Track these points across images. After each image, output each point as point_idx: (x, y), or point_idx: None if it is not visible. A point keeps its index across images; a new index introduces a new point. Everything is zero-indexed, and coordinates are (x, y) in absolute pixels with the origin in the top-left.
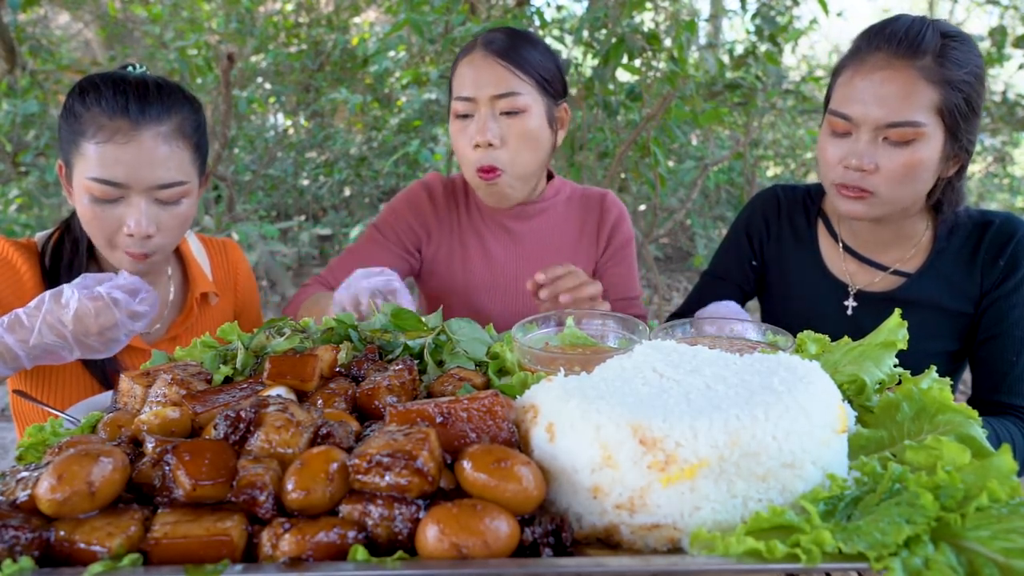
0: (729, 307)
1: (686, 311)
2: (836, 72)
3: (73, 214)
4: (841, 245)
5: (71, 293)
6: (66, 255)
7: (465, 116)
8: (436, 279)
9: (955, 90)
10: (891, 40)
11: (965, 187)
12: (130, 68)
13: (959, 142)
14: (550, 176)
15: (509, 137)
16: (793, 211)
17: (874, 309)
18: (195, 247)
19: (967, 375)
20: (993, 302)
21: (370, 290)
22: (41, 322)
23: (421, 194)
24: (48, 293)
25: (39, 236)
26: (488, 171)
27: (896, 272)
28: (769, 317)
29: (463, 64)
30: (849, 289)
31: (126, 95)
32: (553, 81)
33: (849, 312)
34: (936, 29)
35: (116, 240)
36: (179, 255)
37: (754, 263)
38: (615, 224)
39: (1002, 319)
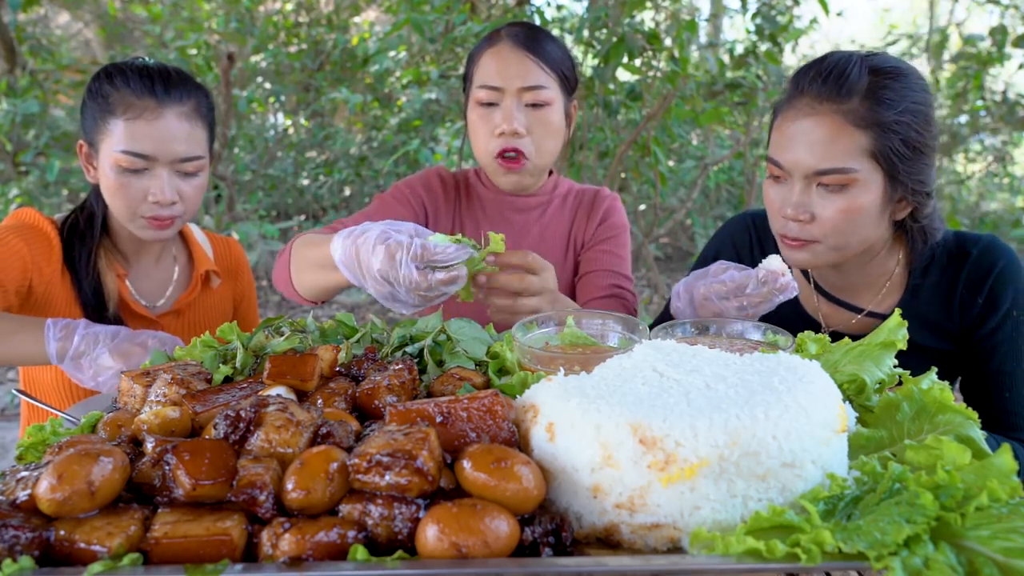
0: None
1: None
2: (773, 115)
3: (89, 195)
4: (812, 284)
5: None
6: (80, 228)
7: (489, 104)
8: None
9: (888, 132)
10: (815, 82)
11: (937, 220)
12: (139, 60)
13: (902, 185)
14: (549, 171)
15: (533, 127)
16: (765, 243)
17: None
18: (199, 235)
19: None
20: (976, 343)
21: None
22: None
23: (433, 177)
24: (103, 335)
25: (57, 217)
26: (514, 159)
27: (871, 314)
28: None
29: (488, 54)
30: (823, 330)
31: (151, 78)
32: (570, 78)
33: None
34: (865, 66)
35: (139, 210)
36: (184, 239)
37: None
38: (605, 212)
39: (987, 360)
